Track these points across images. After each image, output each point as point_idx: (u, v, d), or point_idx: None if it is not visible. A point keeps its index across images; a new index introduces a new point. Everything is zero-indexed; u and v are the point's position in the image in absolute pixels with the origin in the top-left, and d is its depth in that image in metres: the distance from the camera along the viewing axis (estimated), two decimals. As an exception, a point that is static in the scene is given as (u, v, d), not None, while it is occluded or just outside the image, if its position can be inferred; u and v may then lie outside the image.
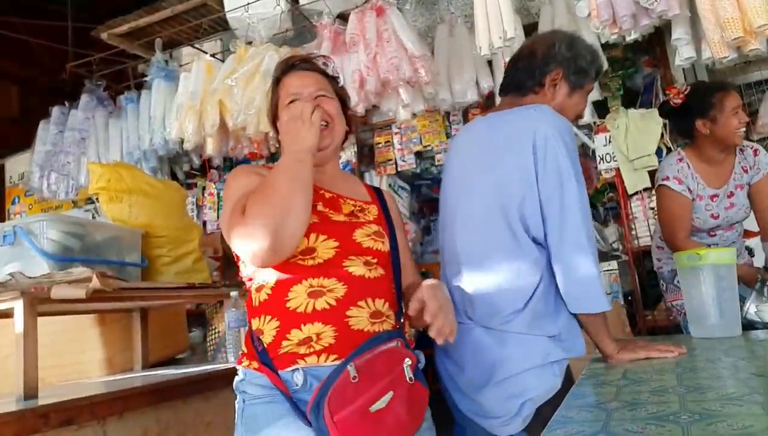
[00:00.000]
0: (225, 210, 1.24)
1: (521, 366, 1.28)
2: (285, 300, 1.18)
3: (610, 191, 4.39)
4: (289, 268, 1.19)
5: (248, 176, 1.29)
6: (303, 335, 1.15)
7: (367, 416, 1.05)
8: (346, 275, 1.20)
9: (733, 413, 0.76)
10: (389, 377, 1.11)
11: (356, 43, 3.46)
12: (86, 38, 5.02)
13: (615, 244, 4.14)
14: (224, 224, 1.22)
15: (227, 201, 1.26)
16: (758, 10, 2.44)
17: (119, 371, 2.47)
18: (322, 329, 1.15)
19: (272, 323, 1.18)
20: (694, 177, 2.32)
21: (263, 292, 1.22)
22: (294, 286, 1.18)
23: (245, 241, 1.14)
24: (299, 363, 1.15)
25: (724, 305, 1.46)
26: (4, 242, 2.03)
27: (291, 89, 1.36)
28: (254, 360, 1.20)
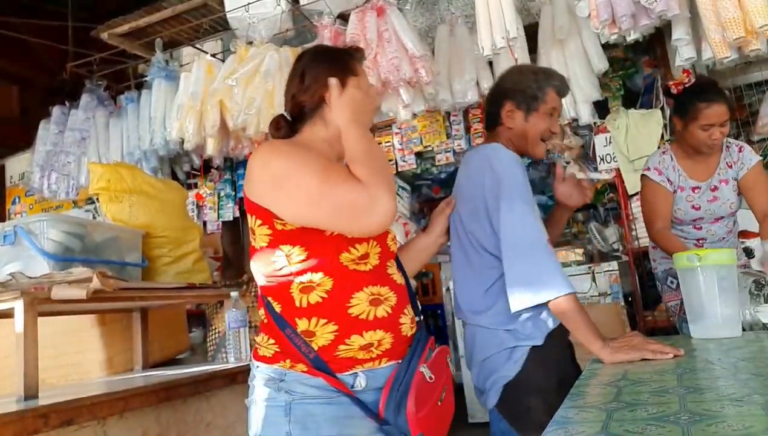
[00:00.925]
0: (310, 181, 1.14)
1: (486, 352, 1.56)
2: (347, 306, 1.19)
3: (610, 192, 4.40)
4: (350, 274, 1.20)
5: (307, 150, 1.22)
6: (365, 342, 1.19)
7: (436, 408, 1.22)
8: (393, 283, 1.27)
9: (733, 413, 0.76)
10: (445, 373, 1.29)
11: (356, 43, 3.46)
12: (86, 38, 5.02)
13: (615, 244, 4.15)
14: (318, 191, 1.13)
15: (303, 169, 1.15)
16: (759, 10, 2.44)
17: (119, 371, 2.47)
18: (383, 336, 1.21)
19: (328, 327, 1.18)
20: (676, 169, 2.36)
21: (315, 293, 1.18)
22: (356, 293, 1.19)
23: (363, 206, 1.11)
24: (357, 367, 1.20)
25: (724, 305, 1.46)
26: (5, 241, 2.03)
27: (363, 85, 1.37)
28: (300, 363, 1.18)
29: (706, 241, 2.40)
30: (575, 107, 3.55)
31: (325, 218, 1.15)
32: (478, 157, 1.67)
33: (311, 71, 1.32)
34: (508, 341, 1.53)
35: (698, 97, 2.21)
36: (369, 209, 1.11)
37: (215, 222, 4.95)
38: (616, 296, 3.57)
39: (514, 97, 1.68)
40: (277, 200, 1.17)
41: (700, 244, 2.40)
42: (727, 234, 2.41)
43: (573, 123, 4.05)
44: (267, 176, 1.18)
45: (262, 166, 1.20)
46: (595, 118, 3.63)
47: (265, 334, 1.25)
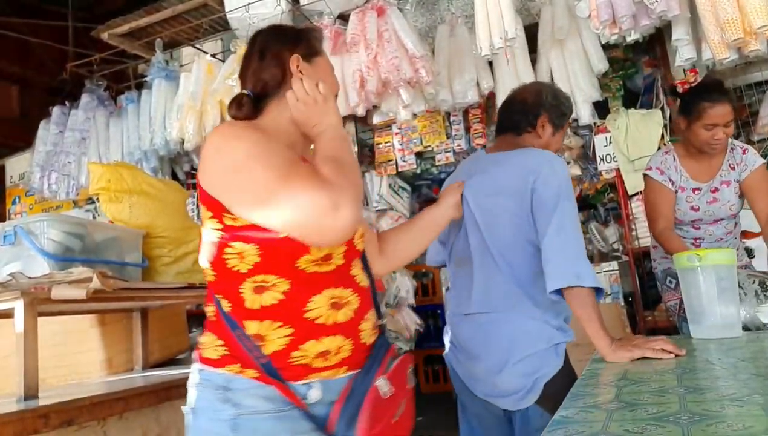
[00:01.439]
0: (266, 174, 0.98)
1: (532, 348, 1.56)
2: (303, 310, 1.07)
3: (610, 192, 4.40)
4: (308, 276, 1.07)
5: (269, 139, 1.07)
6: (322, 348, 1.07)
7: (390, 425, 1.11)
8: (356, 286, 1.15)
9: (733, 413, 0.76)
10: (404, 386, 1.17)
11: (357, 43, 3.47)
12: (86, 38, 5.02)
13: (615, 244, 4.15)
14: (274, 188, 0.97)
15: (260, 160, 1.00)
16: (758, 11, 2.44)
17: (119, 371, 2.47)
18: (342, 343, 1.09)
19: (282, 331, 1.05)
20: (678, 169, 2.36)
21: (268, 294, 1.05)
22: (315, 296, 1.08)
23: (323, 211, 0.95)
24: (312, 377, 1.08)
25: (724, 305, 1.46)
26: (5, 241, 2.03)
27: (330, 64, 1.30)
28: (250, 368, 1.05)
29: (704, 241, 2.40)
30: (575, 107, 3.56)
31: (278, 219, 0.98)
32: (530, 158, 1.69)
33: (272, 47, 1.22)
34: (555, 337, 1.60)
35: (703, 96, 2.21)
36: (329, 216, 0.95)
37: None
38: (616, 296, 3.57)
39: (552, 111, 1.80)
40: (227, 192, 1.03)
41: (697, 243, 2.40)
42: (726, 235, 2.41)
43: (573, 123, 4.05)
44: (219, 164, 1.03)
45: (216, 152, 1.04)
46: (595, 118, 3.63)
47: (212, 333, 1.12)
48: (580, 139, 4.27)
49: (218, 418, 1.04)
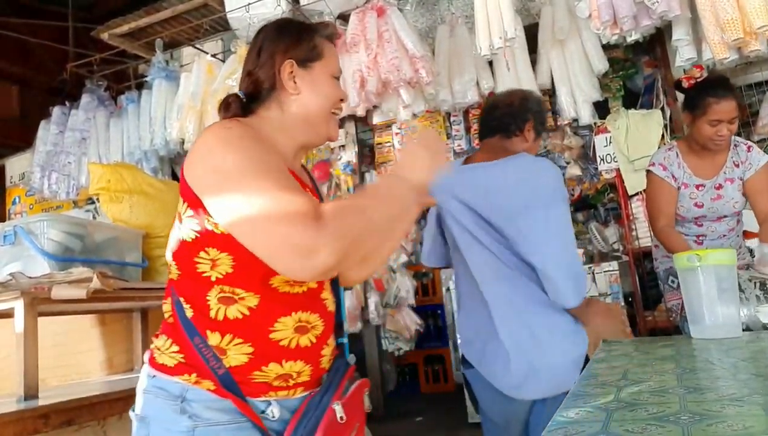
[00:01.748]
0: (251, 193, 0.93)
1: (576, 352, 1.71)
2: (269, 330, 1.02)
3: (610, 192, 4.40)
4: (280, 296, 1.03)
5: (269, 153, 1.01)
6: (283, 371, 1.04)
7: None
8: (324, 311, 1.11)
9: (734, 413, 0.76)
10: (359, 411, 1.14)
11: (357, 43, 3.47)
12: (86, 38, 5.03)
13: (615, 244, 4.15)
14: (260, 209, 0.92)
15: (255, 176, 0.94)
16: (758, 11, 2.45)
17: (119, 371, 2.47)
18: (302, 368, 1.06)
19: (243, 348, 1.01)
20: (681, 166, 2.35)
21: (235, 308, 1.01)
22: (282, 317, 1.03)
23: (302, 248, 0.88)
24: (271, 395, 1.04)
25: (724, 305, 1.46)
26: (5, 241, 2.03)
27: (337, 63, 1.20)
28: (208, 379, 1.00)
29: (706, 237, 2.40)
30: (575, 107, 3.56)
31: (251, 241, 0.94)
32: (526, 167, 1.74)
33: (269, 46, 1.14)
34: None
35: (708, 92, 2.21)
36: (303, 257, 0.89)
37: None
38: (616, 296, 3.57)
39: (537, 117, 1.86)
40: (212, 196, 0.97)
41: (699, 240, 2.40)
42: (729, 232, 2.40)
43: (573, 123, 4.05)
44: (210, 165, 0.98)
45: (208, 152, 0.98)
46: (595, 118, 3.63)
47: (168, 338, 1.05)
48: (580, 139, 4.27)
49: (174, 429, 0.99)
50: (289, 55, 1.12)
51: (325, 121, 1.14)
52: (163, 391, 1.02)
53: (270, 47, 1.14)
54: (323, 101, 1.13)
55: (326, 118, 1.14)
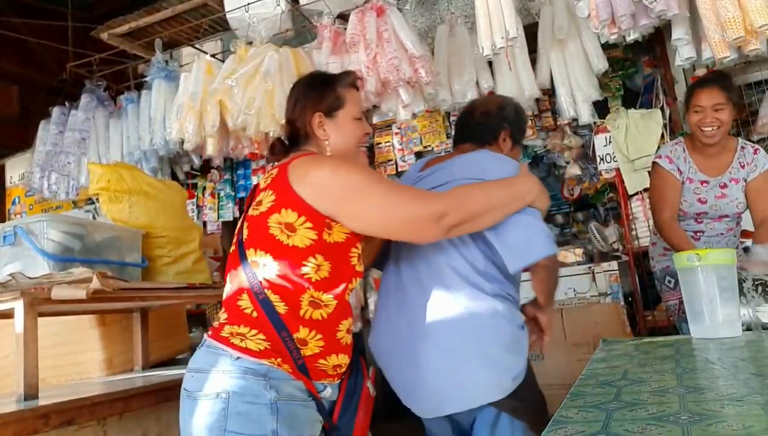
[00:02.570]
0: (384, 192, 1.31)
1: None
2: (336, 329, 1.32)
3: (610, 192, 4.40)
4: (345, 303, 1.34)
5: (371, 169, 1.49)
6: (338, 362, 1.33)
7: (369, 412, 1.43)
8: (351, 313, 1.40)
9: (733, 413, 0.76)
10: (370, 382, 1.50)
11: (356, 43, 3.46)
12: (86, 38, 5.03)
13: (615, 244, 4.15)
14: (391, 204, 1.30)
15: (377, 183, 1.33)
16: (759, 9, 2.44)
17: (119, 371, 2.47)
18: (345, 360, 1.36)
19: (319, 342, 1.29)
20: (687, 160, 2.37)
21: (319, 311, 1.29)
22: (343, 320, 1.34)
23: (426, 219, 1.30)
24: (327, 380, 1.33)
25: (724, 305, 1.46)
26: (5, 242, 2.03)
27: (360, 107, 1.51)
28: (286, 364, 1.24)
29: (704, 234, 2.40)
30: (575, 107, 3.55)
31: (389, 223, 1.32)
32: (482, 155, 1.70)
33: (302, 100, 1.46)
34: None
35: (696, 83, 2.27)
36: (435, 221, 1.29)
37: (215, 222, 4.95)
38: (616, 296, 3.57)
39: (513, 125, 1.84)
40: (350, 203, 1.29)
41: (697, 237, 2.40)
42: (727, 231, 2.41)
43: (573, 123, 4.05)
44: (338, 185, 1.29)
45: (333, 175, 1.29)
46: (594, 118, 3.63)
47: (252, 328, 1.25)
48: (579, 139, 4.27)
49: (259, 402, 1.20)
50: (317, 109, 1.43)
51: (353, 155, 1.47)
52: (249, 369, 1.22)
53: (302, 101, 1.45)
54: (348, 141, 1.45)
55: (354, 153, 1.47)
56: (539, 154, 4.99)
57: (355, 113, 1.46)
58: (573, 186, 4.76)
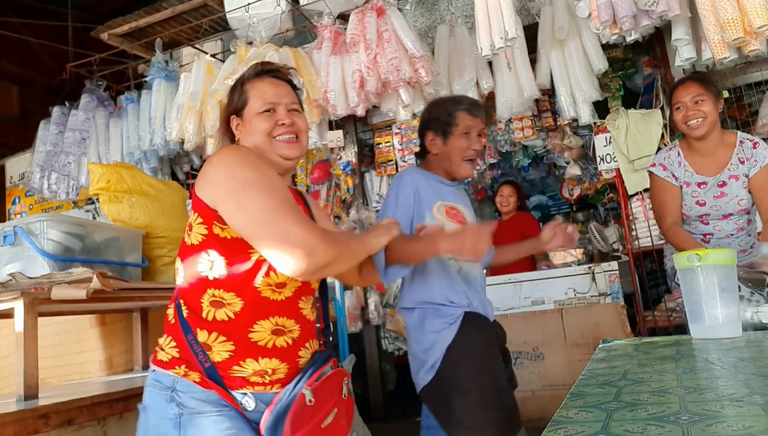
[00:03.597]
0: (265, 201, 1.15)
1: None
2: (248, 330, 1.19)
3: (610, 192, 4.40)
4: (260, 300, 1.21)
5: (276, 177, 1.24)
6: (259, 368, 1.19)
7: (318, 430, 1.20)
8: (301, 318, 1.27)
9: (733, 413, 0.76)
10: (336, 397, 1.27)
11: (356, 43, 3.47)
12: (86, 38, 5.03)
13: (615, 244, 4.15)
14: (269, 216, 1.15)
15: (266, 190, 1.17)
16: (758, 10, 2.45)
17: (119, 371, 2.47)
18: (278, 366, 1.21)
19: (226, 345, 1.18)
20: (682, 164, 2.35)
21: (223, 311, 1.19)
22: (261, 320, 1.21)
23: (303, 250, 1.12)
24: (248, 388, 1.19)
25: (724, 305, 1.46)
26: (5, 242, 2.03)
27: (267, 97, 1.36)
28: (196, 372, 1.17)
29: (713, 236, 2.37)
30: (575, 107, 3.56)
31: (263, 240, 1.16)
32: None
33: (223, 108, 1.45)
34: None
35: (676, 83, 2.31)
36: (307, 254, 1.12)
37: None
38: (616, 296, 3.56)
39: (430, 125, 1.91)
40: (228, 206, 1.18)
41: (706, 239, 2.37)
42: (737, 231, 2.37)
43: (573, 123, 4.05)
44: (226, 181, 1.18)
45: (226, 169, 1.20)
46: (595, 118, 3.63)
47: (168, 335, 1.24)
48: (580, 139, 4.27)
49: (164, 416, 1.15)
50: (229, 112, 1.40)
51: (269, 151, 1.34)
52: (159, 383, 1.19)
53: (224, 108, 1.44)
54: (255, 136, 1.34)
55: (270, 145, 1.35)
56: (539, 154, 5.00)
57: (258, 107, 1.34)
58: (573, 186, 4.76)
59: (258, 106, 1.35)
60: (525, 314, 3.72)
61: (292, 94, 1.41)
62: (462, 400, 1.68)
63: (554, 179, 5.79)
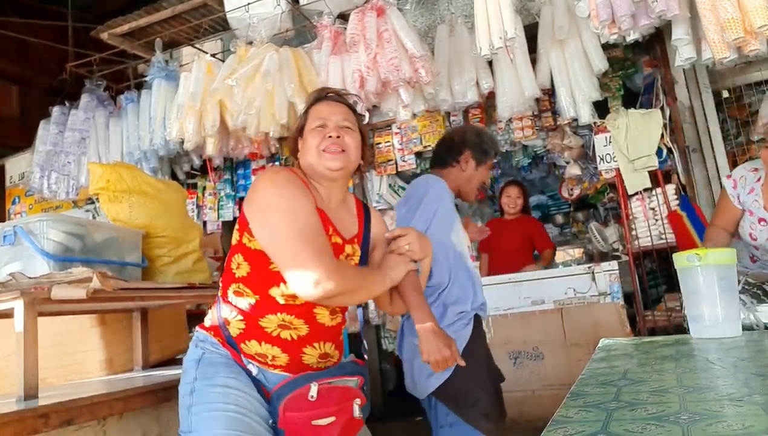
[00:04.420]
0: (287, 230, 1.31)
1: None
2: (258, 318, 1.38)
3: (610, 191, 4.40)
4: (272, 300, 1.38)
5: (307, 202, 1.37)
6: (260, 350, 1.38)
7: (307, 425, 1.34)
8: (313, 321, 1.40)
9: (733, 413, 0.76)
10: (337, 407, 1.37)
11: (356, 43, 3.47)
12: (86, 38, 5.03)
13: (615, 244, 4.15)
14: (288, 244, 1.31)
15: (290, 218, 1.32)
16: (759, 10, 2.44)
17: (119, 371, 2.47)
18: (278, 354, 1.38)
19: (239, 324, 1.39)
20: (755, 191, 2.13)
21: (242, 299, 1.40)
22: (269, 314, 1.38)
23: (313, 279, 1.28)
24: (254, 361, 1.39)
25: (724, 305, 1.46)
26: (5, 241, 2.03)
27: (320, 114, 1.49)
28: (219, 337, 1.41)
29: (759, 260, 2.22)
30: (575, 107, 3.56)
31: (280, 262, 1.33)
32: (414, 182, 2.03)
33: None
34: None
35: None
36: (315, 284, 1.28)
37: (215, 222, 4.95)
38: (616, 296, 3.56)
39: (474, 148, 2.08)
40: (257, 223, 1.36)
41: (754, 259, 2.23)
42: None
43: (573, 123, 4.05)
44: (261, 201, 1.36)
45: (263, 190, 1.37)
46: (595, 118, 3.63)
47: (212, 308, 1.49)
48: (579, 139, 4.27)
49: (191, 358, 1.42)
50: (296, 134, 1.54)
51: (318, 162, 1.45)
52: (196, 338, 1.46)
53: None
54: (309, 151, 1.46)
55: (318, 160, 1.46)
56: (539, 154, 5.00)
57: (312, 125, 1.48)
58: (573, 186, 4.76)
59: (312, 124, 1.49)
60: (525, 314, 3.72)
61: (346, 113, 1.52)
62: (482, 392, 1.86)
63: (554, 179, 5.79)
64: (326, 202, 1.48)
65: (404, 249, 1.51)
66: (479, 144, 2.10)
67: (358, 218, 1.57)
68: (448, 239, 1.94)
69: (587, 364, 1.36)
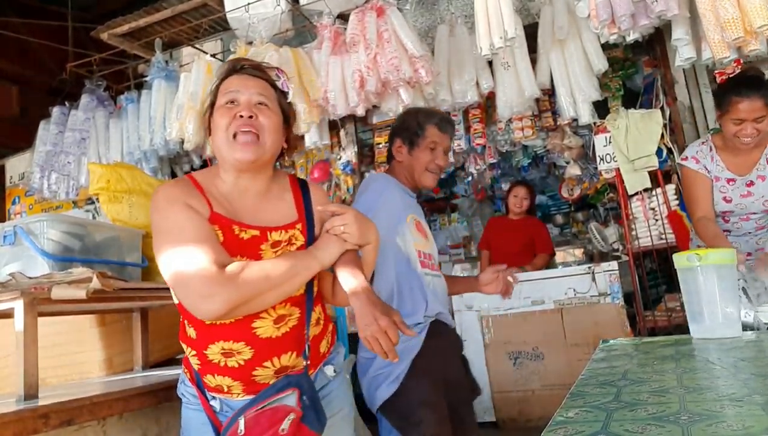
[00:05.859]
0: (168, 249, 1.20)
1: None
2: (204, 351, 1.28)
3: (610, 192, 4.40)
4: (207, 327, 1.26)
5: (187, 212, 1.22)
6: (216, 383, 1.30)
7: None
8: (253, 339, 1.26)
9: (733, 413, 0.76)
10: (269, 431, 1.19)
11: (356, 43, 3.47)
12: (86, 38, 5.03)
13: (615, 244, 4.15)
14: (168, 261, 1.20)
15: (167, 237, 1.21)
16: (758, 10, 2.44)
17: (119, 371, 2.47)
18: (231, 383, 1.29)
19: (195, 360, 1.32)
20: (714, 159, 2.32)
21: (189, 332, 1.32)
22: (210, 344, 1.27)
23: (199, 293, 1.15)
24: (217, 394, 1.32)
25: (724, 305, 1.46)
26: (5, 241, 2.03)
27: (230, 87, 1.28)
28: (189, 372, 1.36)
29: (731, 233, 2.36)
30: (575, 107, 3.56)
31: (170, 285, 1.25)
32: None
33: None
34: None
35: (734, 90, 2.16)
36: (203, 300, 1.15)
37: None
38: (616, 296, 3.57)
39: (400, 133, 1.97)
40: (155, 249, 1.25)
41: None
42: (757, 230, 2.36)
43: (573, 123, 4.05)
44: (152, 227, 1.28)
45: (150, 216, 1.28)
46: (594, 118, 3.63)
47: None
48: (579, 139, 4.27)
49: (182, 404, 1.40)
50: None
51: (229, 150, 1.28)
52: (181, 372, 1.42)
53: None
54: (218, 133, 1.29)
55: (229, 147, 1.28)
56: (539, 154, 5.00)
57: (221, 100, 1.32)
58: (573, 186, 4.77)
59: (221, 99, 1.28)
60: (525, 314, 3.72)
61: (263, 88, 1.30)
62: (428, 411, 1.71)
63: (554, 179, 5.79)
64: (236, 197, 1.30)
65: (338, 230, 1.28)
66: (403, 127, 1.97)
67: (296, 199, 1.38)
68: (392, 241, 1.78)
69: (587, 364, 1.36)
